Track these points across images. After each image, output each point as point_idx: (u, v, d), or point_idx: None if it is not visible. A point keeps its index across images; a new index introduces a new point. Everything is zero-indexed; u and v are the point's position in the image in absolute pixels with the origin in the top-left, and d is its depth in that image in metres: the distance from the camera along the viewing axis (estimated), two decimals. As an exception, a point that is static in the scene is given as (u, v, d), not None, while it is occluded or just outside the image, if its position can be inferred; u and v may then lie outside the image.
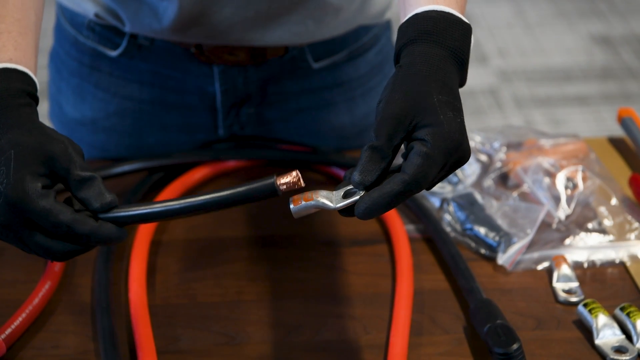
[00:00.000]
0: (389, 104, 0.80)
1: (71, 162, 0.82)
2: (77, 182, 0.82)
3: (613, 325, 0.97)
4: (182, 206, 0.82)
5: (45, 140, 0.82)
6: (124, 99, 1.26)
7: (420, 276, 1.06)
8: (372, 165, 0.79)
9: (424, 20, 0.85)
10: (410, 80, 0.82)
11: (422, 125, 0.79)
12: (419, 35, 0.85)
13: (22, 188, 0.79)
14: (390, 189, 0.77)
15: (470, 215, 1.11)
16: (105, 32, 1.22)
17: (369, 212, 0.78)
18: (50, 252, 0.82)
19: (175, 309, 1.02)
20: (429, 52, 0.84)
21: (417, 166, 0.77)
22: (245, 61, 1.21)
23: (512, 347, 0.91)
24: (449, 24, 0.86)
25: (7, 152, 0.81)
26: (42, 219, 0.80)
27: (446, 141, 0.79)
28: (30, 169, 0.80)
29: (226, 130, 1.27)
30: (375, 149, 0.79)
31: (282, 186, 0.79)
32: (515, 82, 3.25)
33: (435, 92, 0.81)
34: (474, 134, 1.25)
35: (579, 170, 1.17)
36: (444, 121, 0.79)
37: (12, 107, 0.84)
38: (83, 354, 0.96)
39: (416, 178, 0.77)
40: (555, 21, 3.62)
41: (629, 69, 3.32)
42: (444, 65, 0.83)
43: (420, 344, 0.97)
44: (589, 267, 1.08)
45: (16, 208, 0.79)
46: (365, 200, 0.78)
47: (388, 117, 0.80)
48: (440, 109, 0.80)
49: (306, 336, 0.98)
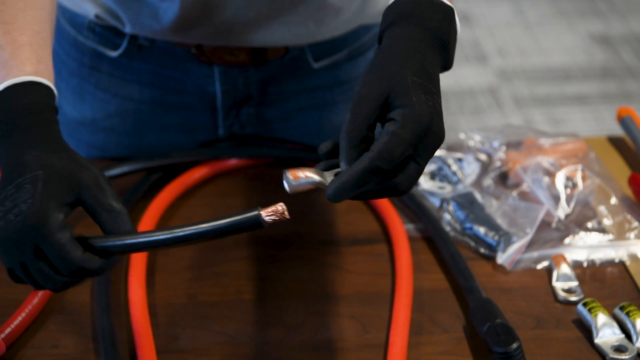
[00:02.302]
0: (365, 85, 0.81)
1: (101, 190, 0.81)
2: (107, 213, 0.81)
3: (612, 324, 0.97)
4: (165, 238, 0.80)
5: (75, 166, 0.81)
6: (124, 100, 1.25)
7: (419, 275, 1.06)
8: (353, 151, 0.79)
9: (405, 3, 0.86)
10: (387, 61, 0.82)
11: (395, 106, 0.80)
12: (399, 17, 0.86)
13: (44, 215, 0.78)
14: (357, 166, 0.77)
15: (469, 215, 1.11)
16: (106, 33, 1.22)
17: (338, 192, 0.78)
18: (49, 281, 0.81)
19: (175, 309, 1.02)
20: (408, 34, 0.84)
21: (382, 143, 0.77)
22: (246, 62, 1.21)
23: (511, 346, 0.91)
24: (429, 6, 0.86)
25: (35, 171, 0.80)
26: (53, 252, 0.79)
27: (415, 123, 0.78)
28: (57, 197, 0.79)
29: (226, 130, 1.27)
30: (352, 132, 0.79)
31: (267, 218, 0.78)
32: (515, 81, 3.25)
33: (410, 74, 0.81)
34: (473, 133, 1.25)
35: (579, 170, 1.17)
36: (416, 103, 0.79)
37: (40, 123, 0.83)
38: (82, 353, 0.96)
39: (381, 154, 0.77)
40: (555, 21, 3.62)
41: (628, 69, 3.32)
42: (422, 47, 0.84)
43: (420, 343, 0.97)
44: (588, 267, 1.08)
45: (32, 232, 0.78)
46: (336, 180, 0.78)
47: (363, 97, 0.80)
48: (413, 91, 0.80)
49: (306, 335, 0.98)
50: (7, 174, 0.82)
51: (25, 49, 0.87)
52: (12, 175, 0.81)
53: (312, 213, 1.16)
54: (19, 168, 0.81)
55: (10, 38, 0.88)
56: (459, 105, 3.11)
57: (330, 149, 0.83)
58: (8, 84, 0.85)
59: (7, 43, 0.87)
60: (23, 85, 0.85)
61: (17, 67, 0.86)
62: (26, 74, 0.86)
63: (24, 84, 0.85)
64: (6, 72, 0.86)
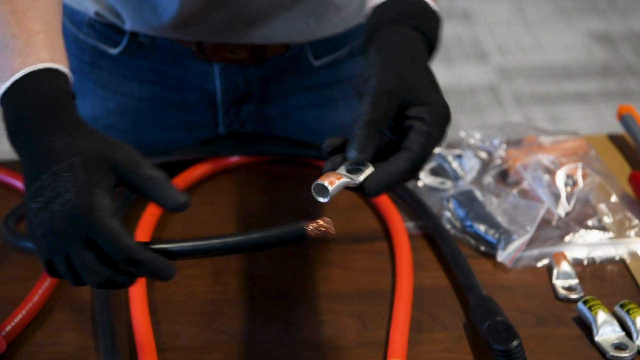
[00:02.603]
0: (382, 80, 0.82)
1: (138, 164, 0.80)
2: (149, 182, 0.79)
3: (613, 322, 0.97)
4: (216, 245, 0.81)
5: (107, 147, 0.80)
6: (124, 97, 1.25)
7: (420, 273, 1.06)
8: (369, 141, 0.80)
9: (406, 4, 0.89)
10: (399, 59, 0.84)
11: (418, 103, 0.82)
12: (400, 16, 0.88)
13: (93, 202, 0.77)
14: (399, 167, 0.80)
15: (470, 213, 1.11)
16: (106, 30, 1.22)
17: (380, 189, 0.80)
18: (92, 274, 0.78)
19: (175, 306, 1.02)
20: (411, 34, 0.87)
21: (421, 144, 0.81)
22: (246, 59, 1.21)
23: (512, 344, 0.91)
24: (426, 13, 0.90)
25: (69, 158, 0.79)
26: (104, 238, 0.77)
27: (441, 118, 0.83)
28: (100, 183, 0.78)
29: (226, 127, 1.27)
30: (372, 123, 0.80)
31: (312, 232, 0.79)
32: (515, 79, 3.25)
33: (423, 73, 0.84)
34: (473, 131, 1.25)
35: (579, 168, 1.17)
36: (440, 100, 0.83)
37: (61, 109, 0.82)
38: (83, 351, 0.96)
39: (421, 155, 0.81)
40: (555, 18, 3.62)
41: (628, 66, 3.32)
42: (423, 49, 0.87)
43: (420, 341, 0.97)
44: (588, 264, 1.08)
45: (81, 221, 0.77)
46: (377, 177, 0.80)
47: (383, 92, 0.82)
48: (432, 89, 0.84)
49: (306, 333, 0.98)
50: (36, 162, 0.80)
51: (39, 37, 0.87)
52: (43, 164, 0.79)
53: (312, 211, 1.15)
54: (50, 156, 0.79)
55: (23, 27, 0.87)
56: (460, 103, 3.11)
57: (337, 145, 0.83)
58: (26, 71, 0.84)
59: (20, 32, 0.86)
60: (40, 72, 0.84)
61: (33, 55, 0.85)
62: (42, 61, 0.85)
63: (41, 71, 0.84)
64: (22, 60, 0.85)
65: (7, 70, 0.85)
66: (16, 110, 0.83)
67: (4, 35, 0.86)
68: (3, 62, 0.86)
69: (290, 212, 1.15)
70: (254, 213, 1.16)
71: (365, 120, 0.81)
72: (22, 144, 0.82)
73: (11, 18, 0.87)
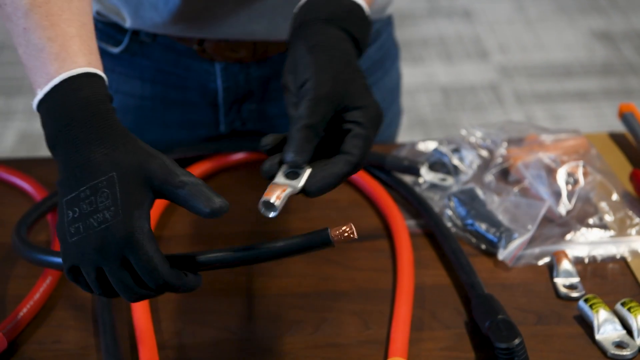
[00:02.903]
0: (320, 85, 0.84)
1: (171, 172, 0.80)
2: (182, 190, 0.79)
3: (614, 320, 0.97)
4: (241, 256, 0.83)
5: (143, 159, 0.80)
6: (125, 96, 1.26)
7: (421, 271, 1.06)
8: (307, 145, 0.82)
9: (338, 5, 0.89)
10: (334, 62, 0.86)
11: (353, 107, 0.84)
12: (332, 18, 0.89)
13: (131, 226, 0.77)
14: (341, 169, 0.82)
15: (471, 211, 1.11)
16: (107, 29, 1.22)
17: (321, 190, 0.82)
18: (128, 292, 0.79)
19: (176, 304, 1.02)
20: (342, 37, 0.88)
21: (360, 148, 0.83)
22: (247, 58, 1.21)
23: (513, 342, 0.91)
24: (358, 18, 0.90)
25: (108, 172, 0.79)
26: (141, 264, 0.78)
27: (376, 121, 0.85)
28: (138, 202, 0.78)
29: (228, 126, 1.28)
30: (310, 127, 0.82)
31: (336, 237, 0.81)
32: (516, 77, 3.25)
33: (357, 76, 0.86)
34: (475, 130, 1.25)
35: (580, 166, 1.17)
36: (372, 103, 0.85)
37: (100, 115, 0.82)
38: (84, 349, 0.96)
39: (361, 159, 0.83)
40: (556, 17, 3.62)
41: (629, 65, 3.32)
42: (353, 52, 0.88)
43: (421, 339, 0.97)
44: (589, 263, 1.08)
45: (120, 244, 0.77)
46: (319, 180, 0.82)
47: (322, 97, 0.83)
48: (366, 92, 0.85)
49: (307, 331, 0.98)
50: (76, 172, 0.80)
51: (75, 40, 0.86)
52: (83, 175, 0.79)
53: (313, 209, 1.16)
54: (89, 167, 0.79)
55: (59, 30, 0.86)
56: (460, 101, 3.11)
57: (276, 144, 0.85)
58: (64, 77, 0.83)
59: (56, 35, 0.85)
60: (78, 77, 0.83)
61: (70, 59, 0.84)
62: (80, 66, 0.84)
63: (79, 76, 0.83)
64: (59, 64, 0.84)
65: (44, 75, 0.84)
66: (55, 116, 0.82)
67: (39, 39, 0.85)
68: (39, 67, 0.84)
69: (291, 209, 1.15)
70: (256, 211, 1.15)
71: (304, 125, 0.82)
72: (61, 151, 0.82)
73: (46, 21, 0.86)
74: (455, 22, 3.55)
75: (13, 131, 2.95)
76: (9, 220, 1.10)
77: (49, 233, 1.12)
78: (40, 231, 1.11)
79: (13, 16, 0.87)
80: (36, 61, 0.85)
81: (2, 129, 2.97)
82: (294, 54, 0.88)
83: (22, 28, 0.86)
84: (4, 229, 1.10)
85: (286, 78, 0.88)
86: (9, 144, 2.90)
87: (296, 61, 0.87)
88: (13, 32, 0.88)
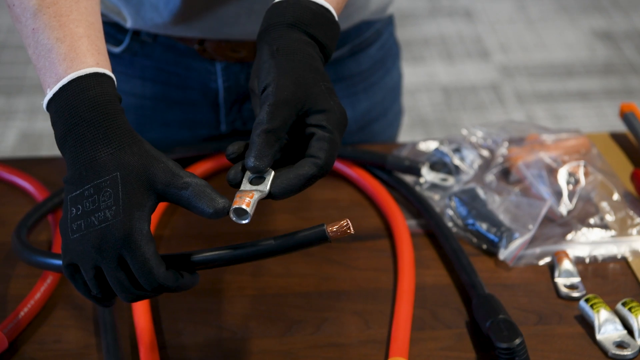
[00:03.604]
0: (281, 89, 0.83)
1: (174, 175, 0.81)
2: (184, 192, 0.80)
3: (615, 320, 0.97)
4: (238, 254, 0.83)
5: (147, 162, 0.81)
6: (126, 95, 1.25)
7: (422, 271, 1.06)
8: (267, 150, 0.81)
9: (304, 9, 0.88)
10: (296, 66, 0.85)
11: (315, 111, 0.83)
12: (297, 22, 0.88)
13: (130, 227, 0.78)
14: (306, 172, 0.81)
15: (472, 211, 1.11)
16: (108, 29, 1.22)
17: (286, 192, 0.81)
18: (125, 292, 0.80)
19: (177, 304, 1.02)
20: (305, 41, 0.87)
21: (326, 151, 0.82)
22: (248, 58, 1.21)
23: (514, 341, 0.91)
24: (324, 21, 0.89)
25: (112, 172, 0.80)
26: (137, 265, 0.78)
27: (340, 124, 0.84)
28: (139, 203, 0.79)
29: (228, 126, 1.28)
30: (270, 132, 0.81)
31: (332, 233, 0.81)
32: (517, 77, 3.25)
33: (319, 80, 0.85)
34: (476, 129, 1.25)
35: (581, 166, 1.17)
36: (336, 106, 0.84)
37: (108, 116, 0.82)
38: (85, 348, 0.96)
39: (327, 162, 0.82)
40: (557, 16, 3.61)
41: (631, 65, 3.32)
42: (317, 56, 0.87)
43: (422, 339, 0.97)
44: (590, 263, 1.08)
45: (118, 244, 0.78)
46: (283, 181, 0.81)
47: (282, 102, 0.82)
48: (330, 96, 0.84)
49: (307, 331, 0.98)
50: (81, 171, 0.81)
51: (83, 40, 0.86)
52: (88, 174, 0.80)
53: (313, 208, 1.16)
54: (95, 167, 0.80)
55: (67, 30, 0.86)
56: (461, 101, 3.10)
57: (242, 151, 0.84)
58: (72, 76, 0.83)
59: (64, 35, 0.85)
60: (87, 77, 0.83)
61: (78, 59, 0.84)
62: (88, 66, 0.84)
63: (87, 76, 0.83)
64: (67, 64, 0.84)
65: (53, 75, 0.84)
66: (64, 116, 0.82)
67: (47, 40, 0.85)
68: (48, 67, 0.85)
69: (292, 209, 1.15)
70: (257, 210, 1.15)
71: (263, 129, 0.81)
72: (69, 150, 0.82)
73: (55, 21, 0.86)
74: (457, 22, 3.54)
75: (14, 131, 2.95)
76: (9, 220, 1.10)
77: (50, 233, 1.12)
78: (42, 231, 1.12)
79: (22, 17, 0.87)
80: (45, 61, 0.85)
81: (3, 128, 2.97)
82: (258, 57, 0.88)
83: (31, 29, 0.86)
84: (5, 229, 1.10)
85: (252, 82, 0.88)
86: (10, 143, 2.90)
87: (260, 65, 0.87)
88: (22, 33, 0.88)
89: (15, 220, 1.07)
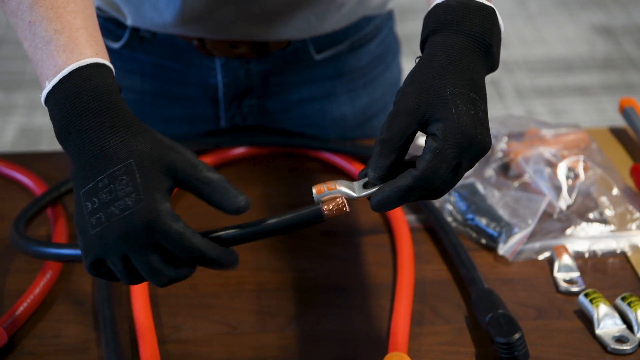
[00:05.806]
0: (402, 98, 0.81)
1: (195, 167, 0.79)
2: (207, 186, 0.79)
3: (614, 315, 0.97)
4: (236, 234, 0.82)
5: (163, 150, 0.79)
6: (125, 91, 1.24)
7: (421, 266, 1.06)
8: (382, 160, 0.79)
9: (444, 9, 0.85)
10: (426, 72, 0.82)
11: (434, 119, 0.79)
12: (439, 25, 0.85)
13: (155, 209, 0.76)
14: (401, 183, 0.78)
15: (471, 206, 1.11)
16: (107, 24, 1.22)
17: (381, 205, 0.79)
18: (158, 275, 0.78)
19: (177, 299, 1.02)
20: (449, 42, 0.83)
21: (426, 162, 0.78)
22: (248, 54, 1.21)
23: (514, 336, 0.91)
24: (468, 11, 0.85)
25: (125, 159, 0.78)
26: (174, 242, 0.77)
27: (457, 135, 0.78)
28: (159, 187, 0.77)
29: (228, 121, 1.28)
30: (384, 142, 0.79)
31: (327, 212, 0.80)
32: (517, 72, 3.25)
33: (449, 84, 0.80)
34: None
35: (581, 160, 1.17)
36: (455, 115, 0.79)
37: (112, 105, 0.80)
38: (84, 343, 0.96)
39: (425, 173, 0.78)
40: (557, 11, 3.61)
41: (630, 59, 3.32)
42: (463, 54, 0.83)
43: (421, 334, 0.97)
44: (590, 257, 1.08)
45: (148, 228, 0.76)
46: (379, 193, 0.79)
47: (400, 111, 0.80)
48: (452, 102, 0.79)
49: (307, 326, 0.98)
50: (91, 161, 0.79)
51: (81, 32, 0.85)
52: (99, 164, 0.78)
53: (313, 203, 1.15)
54: (106, 156, 0.78)
55: (65, 22, 0.85)
56: (461, 96, 3.10)
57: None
58: (73, 67, 0.82)
59: (63, 27, 0.84)
60: (87, 67, 0.82)
61: (78, 50, 0.83)
62: (88, 57, 0.83)
63: (88, 66, 0.82)
64: (67, 55, 0.83)
65: (52, 67, 0.83)
66: (66, 107, 0.81)
67: (45, 32, 0.84)
68: (46, 60, 0.84)
69: (292, 205, 1.15)
70: (256, 205, 1.16)
71: (379, 139, 0.80)
72: (73, 142, 0.80)
73: (52, 13, 0.85)
74: (456, 17, 3.54)
75: (13, 126, 2.95)
76: (9, 215, 1.10)
77: (48, 227, 1.12)
78: (40, 226, 1.12)
79: (17, 10, 0.87)
80: (43, 54, 0.84)
81: (2, 123, 2.97)
82: None
83: (28, 21, 0.86)
84: (4, 224, 1.10)
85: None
86: (9, 138, 2.90)
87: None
88: (18, 27, 0.87)
89: (14, 215, 1.07)
